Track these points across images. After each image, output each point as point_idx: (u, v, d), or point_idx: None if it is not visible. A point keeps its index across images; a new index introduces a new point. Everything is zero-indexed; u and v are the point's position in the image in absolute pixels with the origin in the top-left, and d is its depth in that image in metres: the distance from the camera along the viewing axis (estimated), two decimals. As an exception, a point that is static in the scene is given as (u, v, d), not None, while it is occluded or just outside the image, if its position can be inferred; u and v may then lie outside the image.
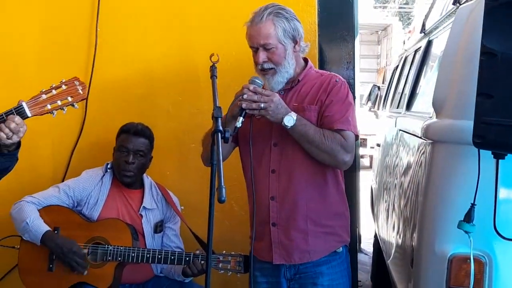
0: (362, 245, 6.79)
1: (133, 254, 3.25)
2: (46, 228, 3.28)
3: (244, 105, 2.62)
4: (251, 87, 2.65)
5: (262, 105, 2.62)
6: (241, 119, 2.62)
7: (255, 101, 2.62)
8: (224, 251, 3.23)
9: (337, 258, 2.88)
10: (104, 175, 3.52)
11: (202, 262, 3.21)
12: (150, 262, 3.28)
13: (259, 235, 2.84)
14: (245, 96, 2.62)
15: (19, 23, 3.88)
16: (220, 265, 3.21)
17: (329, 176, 2.84)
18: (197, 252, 3.29)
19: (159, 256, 3.25)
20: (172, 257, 3.25)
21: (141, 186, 3.56)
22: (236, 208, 3.78)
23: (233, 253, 3.22)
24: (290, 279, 2.85)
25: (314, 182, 2.81)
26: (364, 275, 5.78)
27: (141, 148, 3.45)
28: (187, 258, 3.24)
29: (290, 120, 2.64)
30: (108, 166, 3.54)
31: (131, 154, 3.43)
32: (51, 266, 3.30)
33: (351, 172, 3.11)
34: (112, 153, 3.53)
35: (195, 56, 3.77)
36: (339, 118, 2.73)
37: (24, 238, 3.33)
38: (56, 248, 3.24)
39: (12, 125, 2.56)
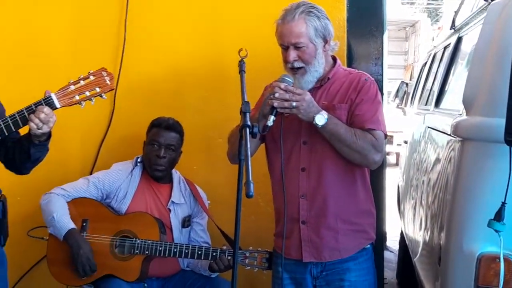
0: (388, 243, 6.75)
1: (160, 248, 3.26)
2: (71, 225, 3.32)
3: (276, 104, 2.61)
4: (283, 86, 2.64)
5: (294, 103, 2.60)
6: (272, 117, 2.61)
7: (286, 100, 2.61)
8: (251, 247, 3.24)
9: (364, 254, 2.87)
10: (133, 168, 3.54)
11: (229, 257, 3.23)
12: (177, 256, 3.30)
13: (287, 233, 2.83)
14: (276, 95, 2.61)
15: (51, 19, 3.92)
16: (247, 261, 3.22)
17: (358, 174, 2.84)
18: (224, 247, 3.29)
19: (186, 251, 3.27)
20: (199, 252, 3.27)
21: (170, 180, 3.57)
22: (262, 204, 3.77)
23: (259, 249, 3.23)
24: (316, 276, 2.85)
25: (344, 180, 2.81)
26: (390, 273, 5.75)
27: (172, 143, 3.47)
28: (214, 254, 3.25)
29: (321, 119, 2.63)
30: (138, 160, 3.56)
31: (162, 149, 3.44)
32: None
33: (378, 169, 3.08)
34: (143, 147, 3.55)
35: (223, 51, 3.77)
36: (370, 118, 2.73)
37: (49, 231, 3.37)
38: (75, 248, 3.27)
39: (42, 116, 2.59)
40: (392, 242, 6.70)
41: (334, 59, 2.91)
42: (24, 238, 3.53)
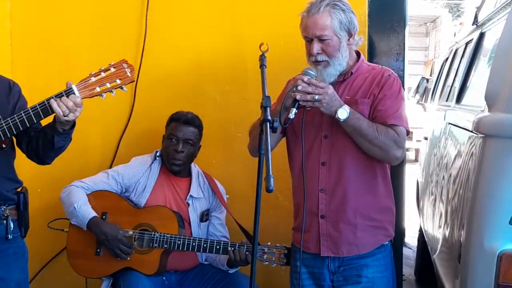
0: (406, 239, 6.72)
1: (179, 242, 3.28)
2: (92, 214, 3.34)
3: (298, 97, 2.60)
4: (305, 79, 2.63)
5: (317, 97, 2.59)
6: (294, 110, 2.60)
7: (309, 93, 2.60)
8: (269, 243, 3.24)
9: (382, 250, 2.86)
10: (153, 162, 3.56)
11: (247, 253, 3.23)
12: (195, 250, 3.31)
13: (306, 227, 2.82)
14: (299, 88, 2.60)
15: (72, 13, 3.94)
16: (265, 256, 3.22)
17: (378, 170, 2.83)
18: (242, 242, 3.30)
19: (205, 245, 3.28)
20: (218, 247, 3.28)
21: (189, 174, 3.59)
22: (281, 198, 3.77)
23: (277, 245, 3.24)
24: (334, 271, 2.85)
25: (364, 175, 2.80)
26: (408, 270, 5.73)
27: (191, 137, 3.48)
28: (232, 249, 3.26)
29: (343, 113, 2.63)
30: (157, 154, 3.57)
31: (180, 143, 3.45)
32: (98, 250, 3.36)
33: (397, 165, 3.07)
34: (162, 141, 3.57)
35: (243, 45, 3.77)
36: (393, 113, 2.72)
37: (71, 222, 3.39)
38: (101, 235, 3.30)
39: (70, 104, 2.62)
40: (411, 238, 6.68)
41: (358, 54, 2.90)
42: (44, 230, 3.56)
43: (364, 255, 2.82)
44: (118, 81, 2.67)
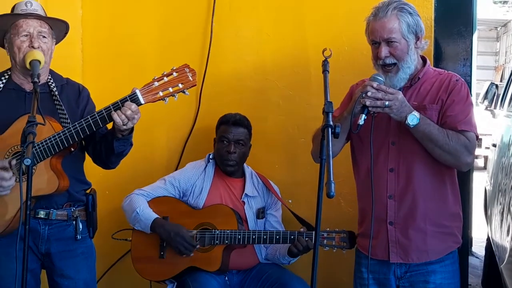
0: (473, 248, 6.57)
1: (239, 236, 3.33)
2: (155, 215, 3.43)
3: (368, 103, 2.60)
4: (375, 84, 2.63)
5: (387, 103, 2.59)
6: (363, 116, 2.60)
7: (379, 99, 2.60)
8: (328, 228, 3.23)
9: (450, 257, 2.83)
10: (206, 165, 3.65)
11: (307, 239, 3.24)
12: (256, 243, 3.36)
13: (373, 233, 2.80)
14: (369, 94, 2.60)
15: (139, 19, 4.05)
16: (325, 241, 3.23)
17: (447, 176, 2.80)
18: (301, 230, 3.31)
19: (265, 237, 3.32)
20: (277, 237, 3.31)
21: (242, 175, 3.66)
22: (343, 204, 3.76)
23: (336, 229, 3.22)
24: (400, 277, 2.83)
25: (433, 182, 2.78)
26: (475, 279, 5.59)
27: (241, 138, 3.55)
28: (292, 237, 3.28)
29: (414, 118, 2.61)
30: (210, 157, 3.66)
31: (232, 144, 3.53)
32: (162, 253, 3.43)
33: (465, 172, 3.02)
34: (213, 144, 3.65)
35: (307, 50, 3.77)
36: (463, 119, 2.69)
37: (135, 228, 3.48)
38: (164, 233, 3.37)
39: (128, 112, 2.69)
40: (478, 247, 6.52)
41: (423, 59, 2.88)
42: (111, 231, 3.64)
43: (432, 261, 2.79)
44: (180, 86, 2.72)
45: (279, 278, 3.42)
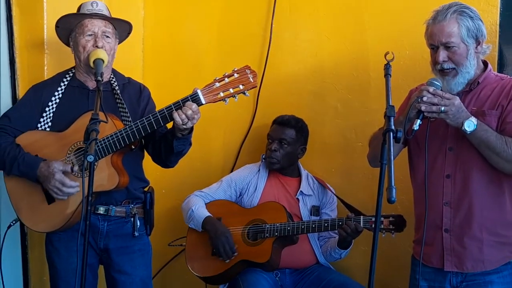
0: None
1: (288, 228, 3.36)
2: (207, 214, 3.50)
3: (423, 108, 2.57)
4: (431, 89, 2.59)
5: (443, 108, 2.55)
6: (418, 121, 2.57)
7: (435, 104, 2.56)
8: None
9: (508, 268, 2.75)
10: (261, 165, 3.71)
11: (355, 222, 3.21)
12: (305, 232, 3.38)
13: (428, 240, 2.77)
14: (424, 99, 2.57)
15: (199, 21, 4.09)
16: (373, 225, 3.18)
17: (505, 184, 2.72)
18: (349, 215, 3.30)
19: (313, 226, 3.34)
20: (326, 224, 3.32)
21: (298, 175, 3.69)
22: (400, 210, 3.67)
23: (384, 214, 3.18)
24: (456, 286, 2.78)
25: (490, 189, 2.71)
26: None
27: (284, 137, 3.59)
28: (340, 223, 3.28)
29: (470, 125, 2.57)
30: (263, 157, 3.71)
31: (274, 142, 3.60)
32: (214, 250, 3.46)
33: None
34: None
35: (367, 54, 3.73)
36: None
37: (190, 226, 3.54)
38: (212, 231, 3.42)
39: (189, 112, 2.71)
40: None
41: (485, 63, 2.82)
42: (167, 229, 3.70)
43: (489, 271, 2.73)
44: (241, 87, 2.73)
45: (343, 285, 3.37)
